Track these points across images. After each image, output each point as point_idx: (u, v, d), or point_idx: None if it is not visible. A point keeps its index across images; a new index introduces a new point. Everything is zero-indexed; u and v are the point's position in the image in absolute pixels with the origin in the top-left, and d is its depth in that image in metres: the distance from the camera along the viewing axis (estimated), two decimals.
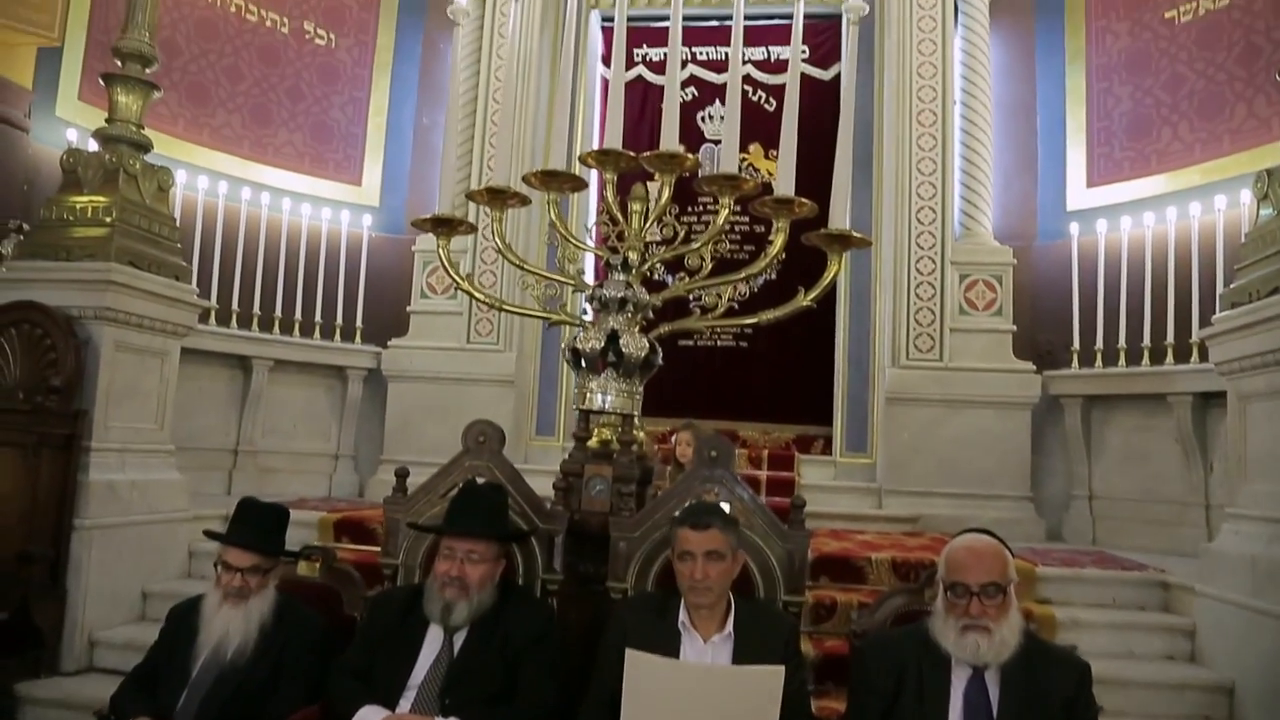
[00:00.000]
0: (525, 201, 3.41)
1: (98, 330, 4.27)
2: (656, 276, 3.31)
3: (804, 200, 3.08)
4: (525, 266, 3.36)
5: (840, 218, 3.05)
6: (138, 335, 4.46)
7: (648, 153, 3.18)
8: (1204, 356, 4.83)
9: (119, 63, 4.56)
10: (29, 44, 5.28)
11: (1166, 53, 6.05)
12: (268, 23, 6.86)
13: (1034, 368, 6.11)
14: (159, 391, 4.70)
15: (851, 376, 6.68)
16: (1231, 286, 4.16)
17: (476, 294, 3.39)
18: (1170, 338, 5.56)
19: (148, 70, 4.60)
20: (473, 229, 3.38)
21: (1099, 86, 6.41)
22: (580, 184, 3.43)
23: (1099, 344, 5.97)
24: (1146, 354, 5.71)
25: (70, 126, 5.49)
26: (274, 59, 6.90)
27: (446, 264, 3.34)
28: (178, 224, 4.89)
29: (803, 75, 7.28)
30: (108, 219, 4.35)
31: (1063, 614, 4.20)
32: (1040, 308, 6.45)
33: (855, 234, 3.05)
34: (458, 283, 3.30)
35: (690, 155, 3.26)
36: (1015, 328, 6.20)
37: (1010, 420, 6.06)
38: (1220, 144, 5.67)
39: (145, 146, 4.60)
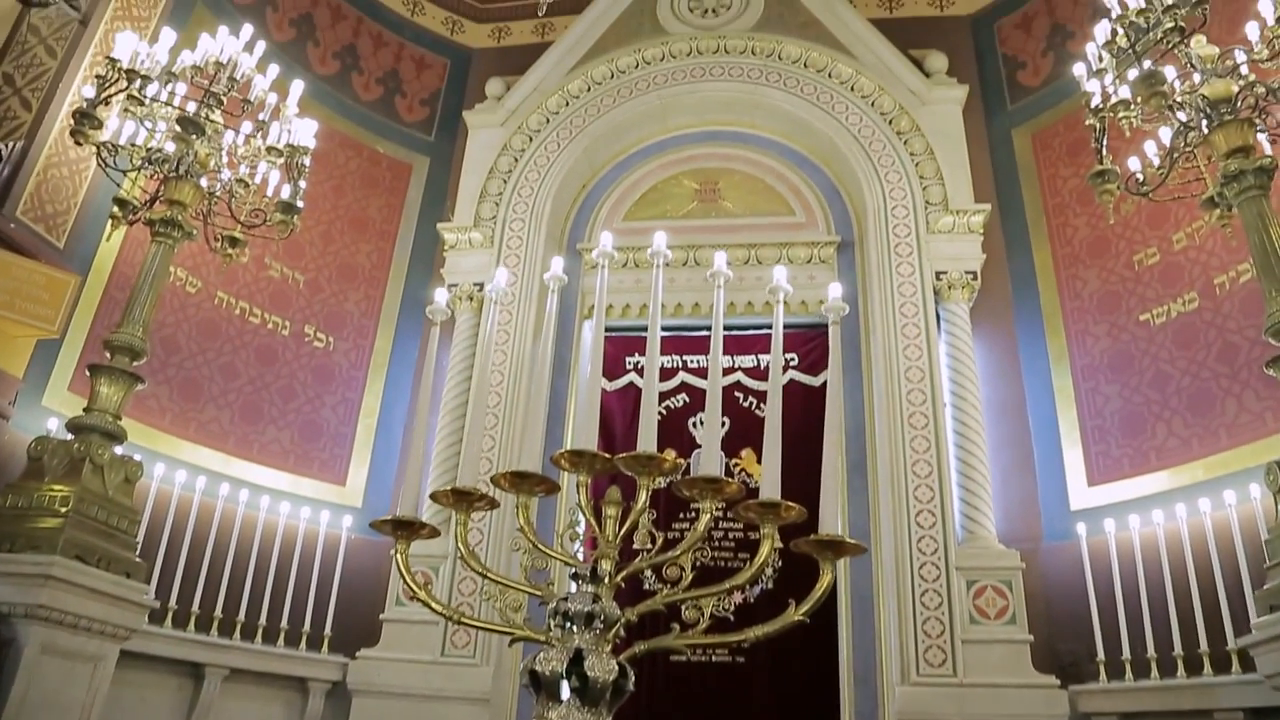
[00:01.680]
0: (494, 505, 3.19)
1: (25, 630, 3.92)
2: (647, 585, 3.02)
3: (791, 504, 2.86)
4: (488, 575, 3.08)
5: (831, 522, 2.82)
6: (70, 637, 4.08)
7: (623, 454, 3.01)
8: (1246, 665, 4.48)
9: (108, 355, 4.59)
10: (29, 335, 5.38)
11: (1147, 352, 6.17)
12: (269, 325, 7.09)
13: (1058, 682, 5.59)
14: (84, 702, 4.22)
15: (859, 696, 6.07)
16: (1266, 587, 3.87)
17: (432, 604, 3.08)
18: (1204, 644, 5.14)
19: (135, 363, 4.62)
20: (435, 533, 3.14)
21: (1086, 386, 6.47)
22: (553, 487, 3.22)
23: (1126, 653, 5.50)
24: (1180, 663, 5.25)
25: (53, 416, 5.45)
26: (271, 359, 7.05)
27: (403, 570, 3.06)
28: (148, 518, 4.68)
29: (792, 382, 7.49)
30: (63, 510, 4.17)
31: None
32: (1056, 614, 6.03)
33: (848, 540, 2.80)
34: (414, 590, 3.00)
35: (669, 458, 3.08)
36: (1032, 637, 5.75)
37: None
38: (1217, 439, 5.61)
39: (118, 437, 4.50)
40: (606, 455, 3.03)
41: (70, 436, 4.48)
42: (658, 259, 3.44)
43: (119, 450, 4.54)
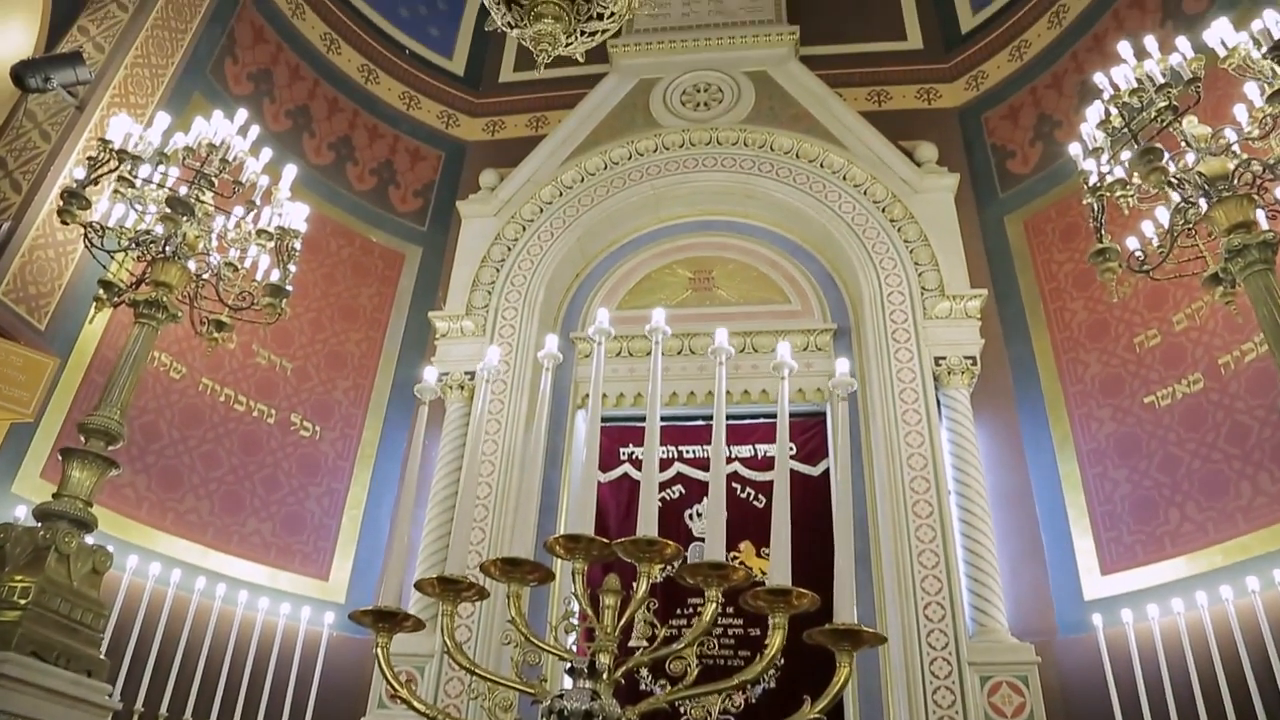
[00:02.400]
0: (483, 594, 2.99)
1: None
2: (644, 686, 2.80)
3: (804, 591, 2.66)
4: (476, 671, 2.86)
5: (847, 610, 2.62)
6: None
7: (622, 539, 2.82)
8: None
9: (82, 438, 4.39)
10: (2, 419, 5.18)
11: (1154, 435, 6.04)
12: (255, 413, 6.91)
13: None
14: None
15: None
16: None
17: (415, 703, 2.85)
18: None
19: (111, 448, 4.41)
20: (419, 625, 2.92)
21: (1093, 471, 6.31)
22: (547, 575, 3.02)
23: None
24: None
25: (22, 503, 5.21)
26: (255, 448, 6.85)
27: (385, 666, 2.84)
28: (118, 613, 4.41)
29: (791, 472, 7.28)
30: (22, 602, 3.88)
31: None
32: (1076, 712, 5.71)
33: (867, 629, 2.59)
34: (395, 688, 2.78)
35: (670, 543, 2.88)
36: None
37: None
38: (1234, 523, 5.44)
39: (88, 525, 4.25)
40: (604, 540, 2.85)
41: (37, 524, 4.25)
42: (656, 335, 3.35)
43: (89, 539, 4.29)
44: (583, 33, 2.89)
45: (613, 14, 2.90)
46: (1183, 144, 4.37)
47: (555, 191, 8.49)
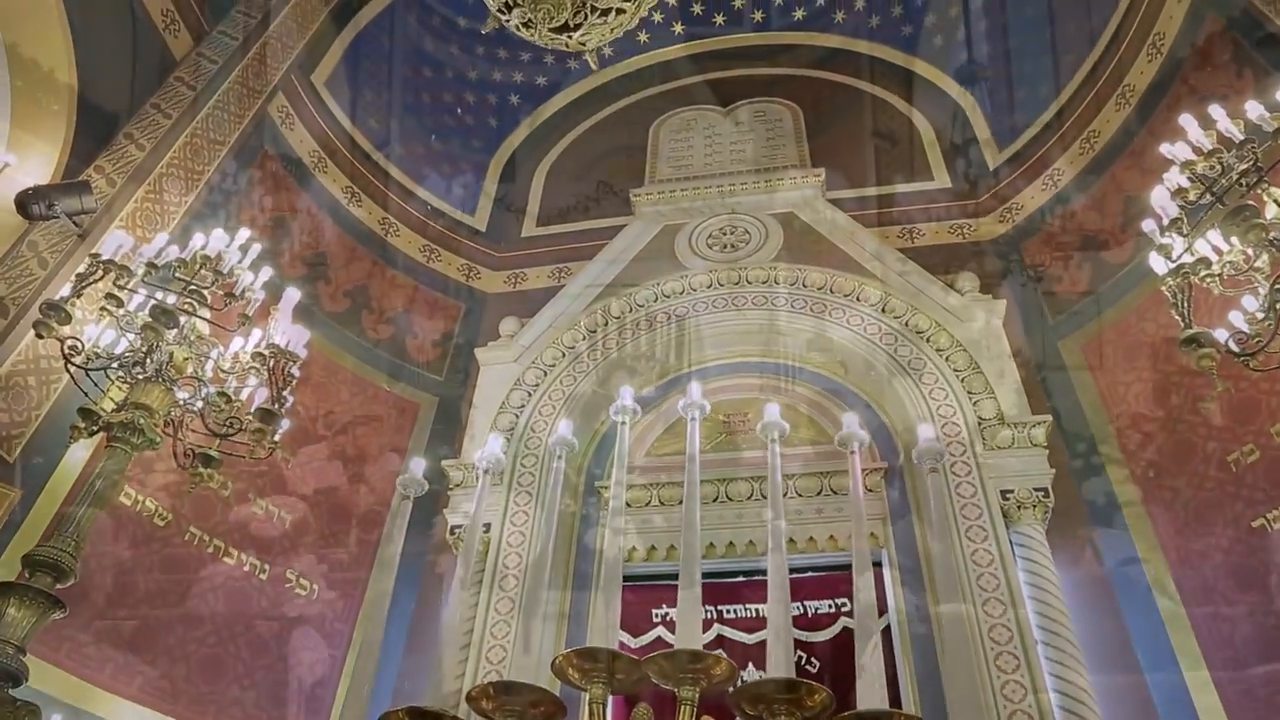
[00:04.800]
0: None
1: None
2: None
3: (906, 714, 1.98)
4: None
5: None
6: None
7: (655, 654, 2.19)
8: None
9: (26, 572, 3.77)
10: None
11: (1272, 563, 5.22)
12: (246, 567, 6.25)
13: None
14: None
15: None
16: None
17: None
18: None
19: (59, 585, 3.78)
20: None
21: (1202, 611, 5.45)
22: (556, 708, 2.35)
23: None
24: None
25: None
26: (243, 606, 6.14)
27: None
28: None
29: (845, 631, 6.41)
30: None
31: None
32: None
33: None
34: None
35: (722, 658, 2.23)
36: None
37: None
38: None
39: (16, 677, 3.56)
40: (632, 657, 2.20)
41: None
42: (691, 411, 2.81)
43: (20, 693, 3.58)
44: (594, 9, 2.55)
45: None
46: (1271, 209, 3.89)
47: (578, 335, 8.15)
